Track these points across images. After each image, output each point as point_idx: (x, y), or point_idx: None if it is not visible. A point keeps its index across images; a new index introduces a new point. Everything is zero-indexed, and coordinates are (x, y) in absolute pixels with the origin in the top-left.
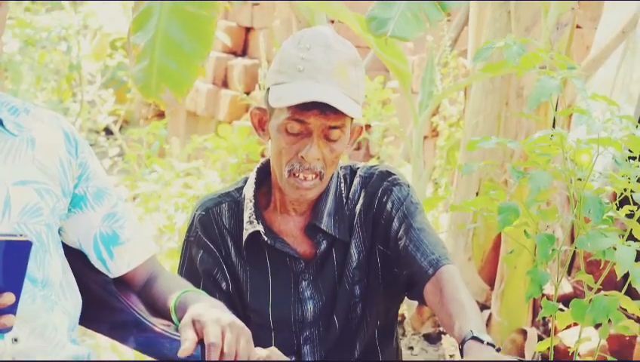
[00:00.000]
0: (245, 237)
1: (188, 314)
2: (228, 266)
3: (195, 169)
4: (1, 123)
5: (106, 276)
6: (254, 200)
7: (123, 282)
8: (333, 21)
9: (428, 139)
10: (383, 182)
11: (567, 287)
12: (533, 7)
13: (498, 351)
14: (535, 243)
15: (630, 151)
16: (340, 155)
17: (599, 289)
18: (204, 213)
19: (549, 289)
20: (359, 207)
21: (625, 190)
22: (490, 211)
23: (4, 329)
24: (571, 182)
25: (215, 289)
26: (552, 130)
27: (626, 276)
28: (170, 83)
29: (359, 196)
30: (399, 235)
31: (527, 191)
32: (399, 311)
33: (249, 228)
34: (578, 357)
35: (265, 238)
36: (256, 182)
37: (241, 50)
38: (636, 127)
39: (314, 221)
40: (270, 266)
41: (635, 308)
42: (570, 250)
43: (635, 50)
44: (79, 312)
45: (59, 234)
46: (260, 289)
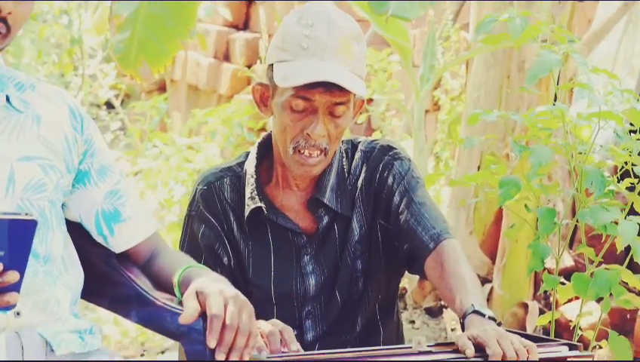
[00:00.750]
0: (247, 214)
1: (192, 286)
2: (230, 241)
3: (196, 144)
4: (8, 99)
5: (108, 250)
6: (256, 175)
7: (126, 257)
8: None
9: (429, 113)
10: (384, 157)
11: (568, 261)
12: None
13: (499, 325)
14: (536, 217)
15: (631, 125)
16: (344, 131)
17: (600, 263)
18: (205, 188)
19: (550, 263)
20: (361, 182)
21: (626, 163)
22: (492, 185)
23: (8, 307)
24: (572, 156)
25: (216, 264)
26: (553, 104)
27: (628, 249)
28: (149, 57)
29: (361, 171)
30: (400, 209)
31: (529, 165)
32: (400, 285)
33: (250, 204)
34: (579, 331)
35: (267, 214)
36: (258, 157)
37: (243, 24)
38: (637, 100)
39: (316, 195)
40: (272, 241)
41: (637, 281)
42: (572, 223)
43: (637, 24)
44: (81, 286)
45: (61, 209)
46: (262, 264)
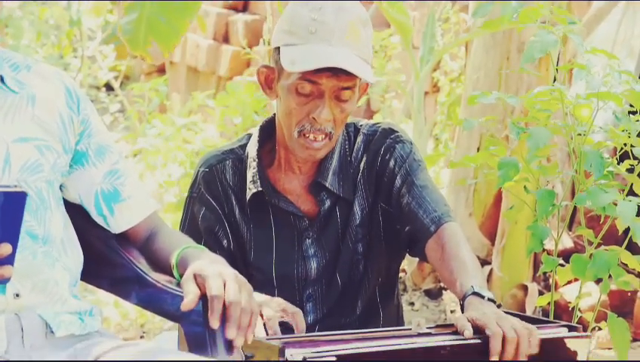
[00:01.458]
0: (249, 197)
1: (189, 269)
2: (230, 224)
3: (194, 124)
4: (2, 80)
5: (108, 232)
6: (258, 158)
7: (125, 238)
8: None
9: (429, 94)
10: (385, 140)
11: (567, 242)
12: None
13: (499, 306)
14: (535, 199)
15: (631, 106)
16: (349, 115)
17: (600, 244)
18: (207, 170)
19: (549, 245)
20: (362, 165)
21: (625, 145)
22: (491, 167)
23: (2, 280)
24: (571, 138)
25: (216, 247)
26: (553, 85)
27: (627, 231)
28: (159, 37)
29: (362, 154)
30: (402, 192)
31: (528, 147)
32: (400, 267)
33: (252, 187)
34: (578, 313)
35: (268, 198)
36: (260, 140)
37: (242, 6)
38: (636, 81)
39: (319, 179)
40: (274, 224)
41: (636, 262)
42: (571, 205)
43: (637, 5)
44: (80, 268)
45: (60, 190)
46: (264, 246)
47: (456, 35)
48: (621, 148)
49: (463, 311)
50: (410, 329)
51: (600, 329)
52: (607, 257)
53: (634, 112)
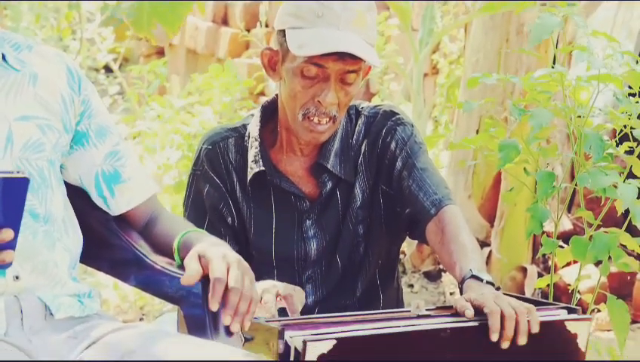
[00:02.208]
0: (250, 177)
1: (193, 249)
2: (233, 201)
3: (191, 105)
4: (4, 58)
5: (107, 214)
6: (259, 139)
7: (124, 220)
8: None
9: (428, 76)
10: (386, 122)
11: (567, 224)
12: None
13: (498, 289)
14: (535, 181)
15: (630, 88)
16: (353, 98)
17: (599, 226)
18: (210, 147)
19: (549, 227)
20: (363, 147)
21: (625, 127)
22: (491, 149)
23: (3, 265)
24: (571, 120)
25: (221, 224)
26: (552, 67)
27: (627, 213)
28: (162, 19)
29: (364, 136)
30: (402, 175)
31: (528, 129)
32: (400, 249)
33: (254, 167)
34: (578, 295)
35: (270, 178)
36: (262, 121)
37: None
38: (636, 62)
39: (320, 161)
40: (275, 204)
41: (635, 245)
42: (571, 186)
43: None
44: (80, 250)
45: (60, 172)
46: (264, 226)
47: (456, 17)
48: (621, 130)
49: (461, 293)
50: (410, 311)
51: (599, 311)
52: (607, 239)
53: (633, 94)
